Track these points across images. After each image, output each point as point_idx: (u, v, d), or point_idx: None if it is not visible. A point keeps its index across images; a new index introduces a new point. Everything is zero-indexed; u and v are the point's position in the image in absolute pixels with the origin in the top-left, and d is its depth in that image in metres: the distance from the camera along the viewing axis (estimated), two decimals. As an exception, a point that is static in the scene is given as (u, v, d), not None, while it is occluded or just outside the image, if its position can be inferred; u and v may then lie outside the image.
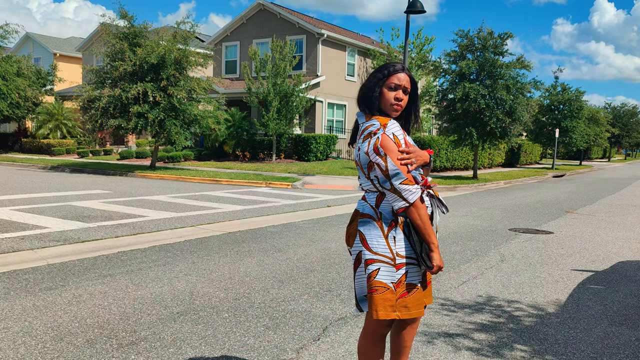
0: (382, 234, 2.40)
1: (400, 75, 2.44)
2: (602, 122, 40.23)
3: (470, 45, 18.85)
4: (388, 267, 2.38)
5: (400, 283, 2.39)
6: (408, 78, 2.45)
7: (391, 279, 2.38)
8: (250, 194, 12.81)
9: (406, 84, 2.45)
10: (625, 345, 3.71)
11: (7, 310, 4.06)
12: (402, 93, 2.43)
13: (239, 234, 7.52)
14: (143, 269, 5.39)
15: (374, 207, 2.43)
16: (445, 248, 6.86)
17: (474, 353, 3.48)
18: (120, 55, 17.94)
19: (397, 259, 2.38)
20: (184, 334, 3.67)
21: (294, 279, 5.15)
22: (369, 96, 2.47)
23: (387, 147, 2.33)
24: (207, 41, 29.86)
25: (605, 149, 57.83)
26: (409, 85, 2.46)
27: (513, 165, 31.90)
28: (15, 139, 31.07)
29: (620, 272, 5.88)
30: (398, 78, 2.43)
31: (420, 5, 14.67)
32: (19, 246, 6.30)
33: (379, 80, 2.46)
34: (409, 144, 2.40)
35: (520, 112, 18.37)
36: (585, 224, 9.51)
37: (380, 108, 2.46)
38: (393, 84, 2.43)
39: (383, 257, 2.38)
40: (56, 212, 9.00)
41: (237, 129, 23.19)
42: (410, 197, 2.31)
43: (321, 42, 25.33)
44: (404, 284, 2.39)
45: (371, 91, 2.47)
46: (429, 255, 2.38)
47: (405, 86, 2.44)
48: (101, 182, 15.09)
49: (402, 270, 2.38)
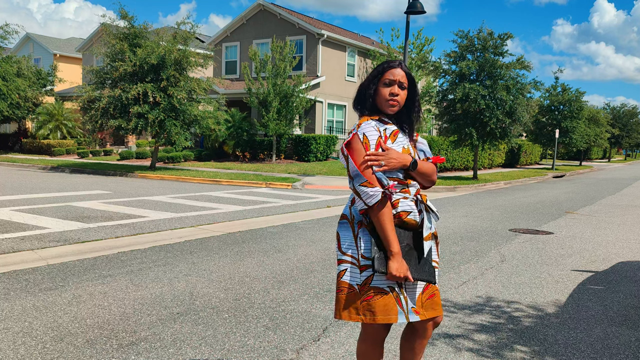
0: (353, 234, 2.37)
1: (396, 71, 2.39)
2: (602, 123, 40.24)
3: (470, 45, 18.85)
4: (353, 268, 2.34)
5: (365, 285, 2.31)
6: (404, 73, 2.39)
7: (356, 280, 2.33)
8: (250, 195, 12.81)
9: (402, 78, 2.38)
10: (625, 346, 3.71)
11: (7, 310, 4.06)
12: (397, 88, 2.38)
13: (239, 235, 7.52)
14: (143, 270, 5.39)
15: (350, 207, 2.44)
16: (445, 248, 6.86)
17: (474, 354, 3.48)
18: (121, 55, 17.96)
19: (361, 261, 2.33)
20: (184, 335, 3.67)
21: (294, 280, 5.15)
22: (363, 94, 2.45)
23: (353, 147, 2.32)
24: (207, 41, 29.87)
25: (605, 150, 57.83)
26: (405, 80, 2.39)
27: (513, 165, 31.89)
28: (16, 139, 31.08)
29: (621, 273, 5.88)
30: (393, 73, 2.38)
31: (420, 6, 14.68)
32: (19, 246, 6.30)
33: (374, 78, 2.41)
34: (382, 145, 2.33)
35: (520, 112, 18.38)
36: (586, 225, 9.51)
37: (376, 106, 2.42)
38: (388, 80, 2.38)
39: (350, 257, 2.35)
40: (56, 212, 9.00)
41: (237, 130, 23.19)
42: (368, 200, 2.24)
43: (321, 43, 25.34)
44: (369, 286, 2.30)
45: (366, 89, 2.44)
46: (386, 261, 2.26)
47: (400, 81, 2.38)
48: (101, 182, 15.10)
49: (366, 273, 2.31)
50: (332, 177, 18.13)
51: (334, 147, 24.62)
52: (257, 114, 24.28)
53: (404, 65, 2.43)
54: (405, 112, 2.48)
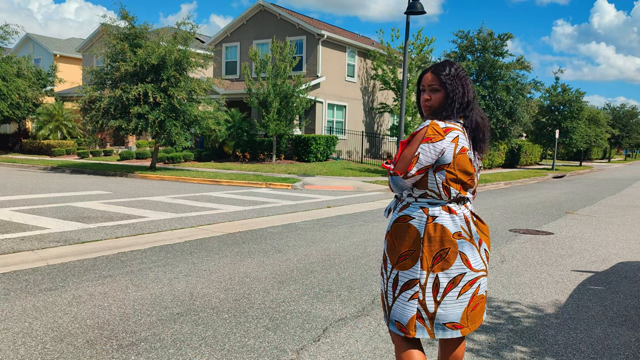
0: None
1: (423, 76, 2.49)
2: (602, 123, 40.26)
3: (470, 46, 18.90)
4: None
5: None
6: (432, 76, 2.42)
7: None
8: (250, 195, 12.81)
9: (430, 82, 2.43)
10: (625, 346, 3.71)
11: (7, 311, 4.06)
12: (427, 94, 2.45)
13: (239, 235, 7.52)
14: (143, 270, 5.39)
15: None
16: (445, 249, 6.85)
17: (474, 354, 3.49)
18: (121, 55, 17.96)
19: None
20: (184, 335, 3.67)
21: (294, 280, 5.15)
22: None
23: None
24: (207, 42, 29.86)
25: (605, 150, 57.84)
26: (436, 82, 2.41)
27: (513, 166, 31.90)
28: (16, 139, 31.07)
29: (621, 273, 5.88)
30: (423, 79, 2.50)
31: (420, 7, 14.68)
32: (19, 247, 6.30)
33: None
34: None
35: (520, 112, 18.42)
36: (586, 225, 9.51)
37: None
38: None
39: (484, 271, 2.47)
40: (56, 212, 9.00)
41: (237, 130, 23.19)
42: None
43: (321, 43, 25.33)
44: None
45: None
46: None
47: (426, 85, 2.45)
48: (101, 182, 15.10)
49: None
50: (332, 177, 18.13)
51: (334, 147, 24.63)
52: (257, 115, 24.29)
53: (434, 69, 2.46)
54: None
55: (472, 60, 18.71)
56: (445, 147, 2.25)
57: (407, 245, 2.35)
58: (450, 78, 2.36)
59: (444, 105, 2.37)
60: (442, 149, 2.25)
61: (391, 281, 2.40)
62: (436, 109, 2.38)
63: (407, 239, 2.34)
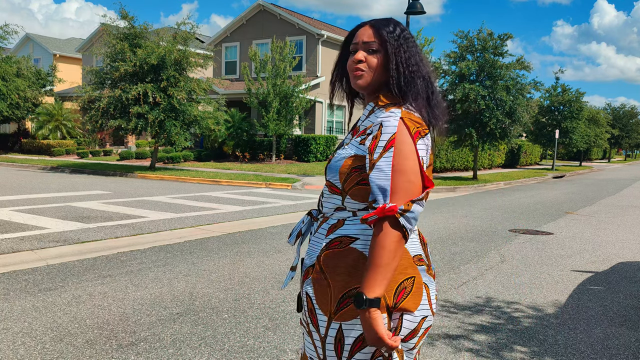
0: None
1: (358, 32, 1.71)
2: (602, 123, 40.26)
3: (470, 46, 18.86)
4: None
5: None
6: (371, 30, 1.67)
7: None
8: (250, 195, 12.81)
9: (365, 38, 1.66)
10: (625, 347, 3.71)
11: (6, 310, 4.06)
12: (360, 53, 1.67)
13: (239, 235, 7.51)
14: (143, 270, 5.39)
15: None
16: (445, 249, 6.86)
17: (474, 354, 3.48)
18: (121, 55, 17.96)
19: None
20: (183, 335, 3.66)
21: (294, 280, 5.15)
22: None
23: None
24: (207, 42, 29.86)
25: (605, 150, 57.81)
26: (376, 39, 1.65)
27: (513, 166, 31.89)
28: (15, 139, 31.07)
29: (620, 273, 5.88)
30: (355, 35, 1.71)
31: (420, 7, 14.68)
32: (18, 247, 6.30)
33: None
34: None
35: (520, 113, 18.39)
36: (585, 225, 9.51)
37: None
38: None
39: None
40: (56, 212, 9.00)
41: (237, 130, 23.19)
42: None
43: (321, 43, 25.34)
44: None
45: None
46: None
47: (363, 41, 1.66)
48: (101, 182, 15.09)
49: None
50: (332, 177, 18.10)
51: (334, 147, 24.63)
52: (257, 114, 24.28)
53: (372, 23, 1.70)
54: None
55: (472, 60, 18.68)
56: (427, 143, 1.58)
57: (350, 280, 1.54)
58: (395, 38, 1.65)
59: (384, 74, 1.65)
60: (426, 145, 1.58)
61: (332, 341, 1.56)
62: (373, 80, 1.65)
63: (351, 270, 1.54)
